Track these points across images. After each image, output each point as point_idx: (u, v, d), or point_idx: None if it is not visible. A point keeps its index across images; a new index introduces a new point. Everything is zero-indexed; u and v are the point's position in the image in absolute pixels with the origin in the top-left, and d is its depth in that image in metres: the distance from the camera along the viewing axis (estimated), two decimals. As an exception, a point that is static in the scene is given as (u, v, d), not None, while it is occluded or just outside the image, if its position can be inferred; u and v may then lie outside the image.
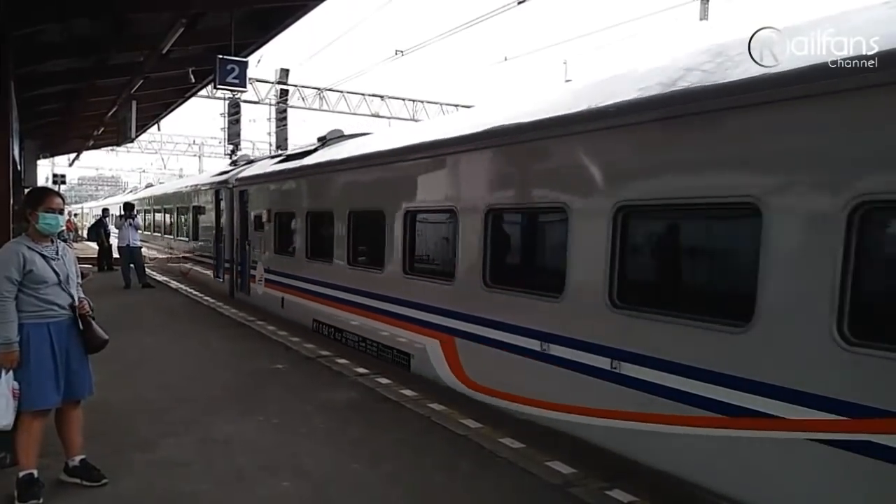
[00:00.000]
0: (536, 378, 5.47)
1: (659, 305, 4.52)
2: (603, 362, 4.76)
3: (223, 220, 14.26)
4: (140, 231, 16.03)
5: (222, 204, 14.30)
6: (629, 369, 4.57)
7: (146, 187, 34.64)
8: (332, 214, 9.22)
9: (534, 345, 5.43)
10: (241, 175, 13.57)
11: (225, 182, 14.22)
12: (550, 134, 5.45)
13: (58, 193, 4.28)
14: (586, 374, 4.92)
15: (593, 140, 5.04)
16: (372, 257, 8.29)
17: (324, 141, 11.30)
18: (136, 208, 17.01)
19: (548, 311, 5.36)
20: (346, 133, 11.31)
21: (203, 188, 16.29)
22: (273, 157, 14.36)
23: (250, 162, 15.39)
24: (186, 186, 18.74)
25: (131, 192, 36.72)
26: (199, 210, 16.64)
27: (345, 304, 8.79)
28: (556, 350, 5.21)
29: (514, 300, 5.77)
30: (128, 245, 15.05)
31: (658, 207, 4.62)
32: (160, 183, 36.67)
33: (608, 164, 4.94)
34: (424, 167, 7.29)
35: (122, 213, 16.44)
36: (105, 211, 22.49)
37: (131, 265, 15.00)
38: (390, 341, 7.75)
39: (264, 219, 11.83)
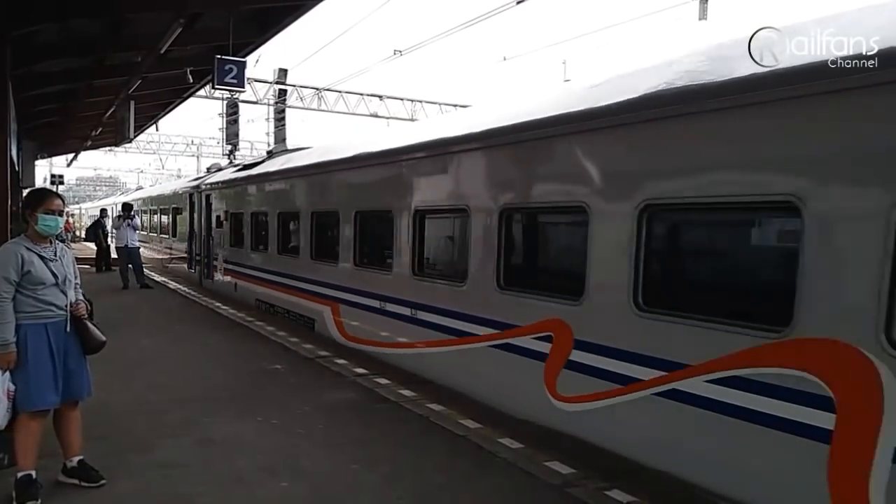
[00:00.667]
0: (378, 327, 8.12)
1: (432, 274, 7.34)
2: (408, 311, 7.33)
3: (195, 219, 16.45)
4: (138, 231, 16.02)
5: (195, 206, 16.44)
6: (420, 314, 7.18)
7: (136, 189, 38.10)
8: (266, 214, 11.86)
9: (377, 304, 8.06)
10: (207, 181, 15.97)
11: (197, 187, 16.46)
12: (385, 161, 8.19)
13: (58, 195, 4.26)
14: (400, 320, 7.53)
15: (404, 167, 7.69)
16: (292, 248, 10.90)
17: (270, 154, 14.19)
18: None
19: (385, 281, 7.96)
20: (289, 147, 13.88)
21: (180, 192, 18.58)
22: (234, 166, 16.54)
23: (219, 169, 17.60)
24: (168, 190, 21.20)
25: (122, 194, 40.37)
26: (177, 211, 18.88)
27: (275, 285, 11.38)
28: (389, 306, 7.85)
29: (370, 275, 8.36)
30: (126, 245, 15.02)
31: (433, 212, 7.27)
32: (150, 186, 39.67)
33: (409, 185, 7.54)
34: (325, 180, 10.03)
35: (121, 213, 16.42)
36: (103, 211, 22.50)
37: (129, 265, 14.98)
38: (302, 310, 10.27)
39: (222, 218, 14.26)
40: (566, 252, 6.02)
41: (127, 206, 16.46)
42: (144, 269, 15.75)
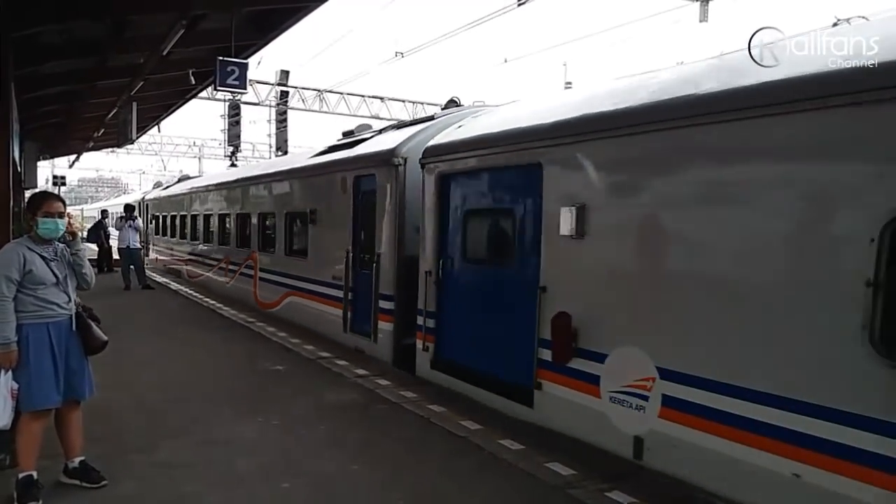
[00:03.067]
0: (197, 269, 16.66)
1: (209, 241, 16.15)
2: (202, 259, 16.44)
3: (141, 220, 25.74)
4: (140, 232, 16.11)
5: (141, 211, 24.33)
6: (203, 259, 16.56)
7: (115, 197, 51.00)
8: (168, 216, 20.60)
9: (197, 259, 16.73)
10: (147, 196, 25.66)
11: (142, 198, 25.79)
12: (191, 191, 18.25)
13: (58, 197, 4.20)
14: (201, 263, 16.46)
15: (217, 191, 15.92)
16: (174, 234, 19.75)
17: (179, 179, 23.33)
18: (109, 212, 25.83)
19: (195, 247, 17.20)
20: (190, 175, 24.21)
21: (136, 201, 26.75)
22: (163, 185, 25.69)
23: (158, 186, 26.62)
24: (129, 200, 29.68)
25: (104, 200, 54.62)
26: None
27: (170, 255, 20.16)
28: (198, 258, 16.81)
29: (193, 245, 17.12)
30: (128, 247, 15.05)
31: (207, 215, 16.44)
32: (124, 195, 51.57)
33: (191, 202, 17.96)
34: (179, 198, 19.13)
35: (123, 214, 16.49)
36: (104, 212, 22.73)
37: (131, 266, 15.00)
38: (177, 266, 18.97)
39: (150, 218, 23.38)
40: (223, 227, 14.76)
41: (129, 207, 16.51)
42: (146, 270, 15.81)
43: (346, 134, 10.93)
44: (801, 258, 3.73)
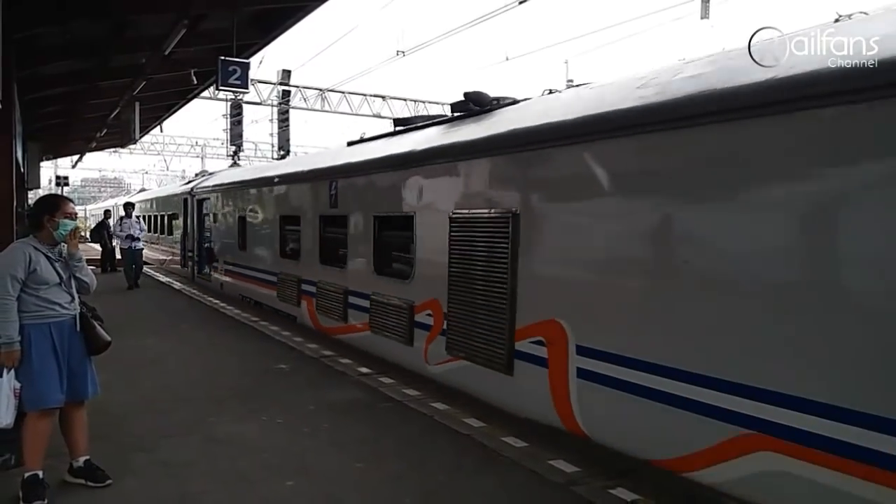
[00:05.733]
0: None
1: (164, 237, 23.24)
2: (158, 243, 23.32)
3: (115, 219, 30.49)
4: (143, 232, 16.18)
5: (116, 213, 28.95)
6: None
7: (104, 201, 54.71)
8: (148, 217, 24.03)
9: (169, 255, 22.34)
10: (118, 202, 31.02)
11: (117, 203, 30.84)
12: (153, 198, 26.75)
13: (71, 199, 4.35)
14: (164, 251, 22.24)
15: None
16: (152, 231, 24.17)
17: (140, 190, 34.73)
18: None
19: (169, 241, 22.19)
20: (146, 188, 38.81)
21: (115, 205, 32.31)
22: (131, 194, 34.02)
23: (128, 193, 34.44)
24: (108, 205, 36.07)
25: (94, 203, 62.30)
26: (108, 214, 33.09)
27: (156, 250, 23.08)
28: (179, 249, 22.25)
29: (163, 239, 22.82)
30: (130, 247, 15.08)
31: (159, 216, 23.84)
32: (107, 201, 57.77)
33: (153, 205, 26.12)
34: (149, 205, 26.19)
35: (123, 214, 16.56)
36: (107, 213, 22.80)
37: (133, 266, 15.04)
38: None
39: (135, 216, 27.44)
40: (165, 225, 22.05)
41: (129, 207, 16.55)
42: (142, 272, 15.88)
43: (198, 174, 21.01)
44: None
